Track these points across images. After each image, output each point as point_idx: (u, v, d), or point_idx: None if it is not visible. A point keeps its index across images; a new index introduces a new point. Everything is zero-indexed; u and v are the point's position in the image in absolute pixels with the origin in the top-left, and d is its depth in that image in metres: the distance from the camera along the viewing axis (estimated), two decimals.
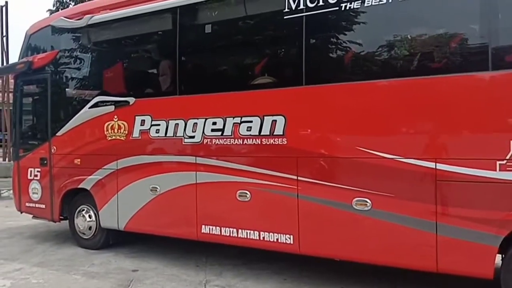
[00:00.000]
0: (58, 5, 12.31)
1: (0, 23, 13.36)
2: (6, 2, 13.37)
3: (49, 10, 12.34)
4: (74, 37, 5.43)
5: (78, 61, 5.49)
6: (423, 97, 3.33)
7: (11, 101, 11.26)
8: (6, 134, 13.69)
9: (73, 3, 12.06)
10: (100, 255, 5.08)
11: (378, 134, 3.50)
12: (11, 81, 8.46)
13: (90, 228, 5.31)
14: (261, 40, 4.35)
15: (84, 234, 5.38)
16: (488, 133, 3.12)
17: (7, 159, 13.43)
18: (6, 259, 5.02)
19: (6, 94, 11.81)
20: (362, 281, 4.00)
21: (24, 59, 5.79)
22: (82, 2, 11.55)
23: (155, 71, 4.96)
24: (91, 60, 5.42)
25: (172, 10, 4.50)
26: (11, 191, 10.11)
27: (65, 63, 5.55)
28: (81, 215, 5.35)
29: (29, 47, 5.90)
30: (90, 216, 5.30)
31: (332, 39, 3.74)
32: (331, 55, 3.83)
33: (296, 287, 3.98)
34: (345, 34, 3.70)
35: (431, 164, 3.24)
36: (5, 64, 13.13)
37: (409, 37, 3.49)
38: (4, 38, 13.37)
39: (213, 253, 4.94)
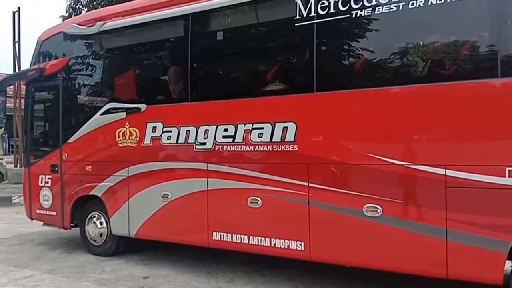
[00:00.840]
0: (71, 11, 12.39)
1: (13, 29, 13.57)
2: (19, 8, 13.57)
3: (61, 16, 12.45)
4: (86, 44, 5.49)
5: (90, 68, 5.55)
6: (433, 104, 3.35)
7: (23, 107, 11.52)
8: (18, 140, 13.86)
9: (86, 9, 12.15)
10: (111, 262, 5.11)
11: (389, 141, 3.52)
12: (23, 87, 8.59)
13: (101, 235, 5.34)
14: (272, 47, 4.40)
15: (95, 241, 5.41)
16: (497, 140, 3.14)
17: (18, 165, 13.56)
18: (17, 265, 5.06)
19: (18, 100, 11.93)
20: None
21: (36, 66, 5.86)
22: (95, 8, 11.74)
23: (166, 78, 5.00)
24: (102, 67, 5.48)
25: (184, 17, 4.56)
26: (22, 198, 10.29)
27: (77, 69, 5.62)
28: (92, 221, 5.38)
29: (41, 54, 5.98)
30: (101, 223, 5.33)
31: (343, 46, 3.78)
32: (342, 62, 3.86)
33: None
34: (356, 41, 3.73)
35: (441, 171, 3.26)
36: (17, 69, 13.37)
37: (420, 44, 3.53)
38: (16, 44, 13.56)
39: (224, 260, 4.94)
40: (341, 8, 3.67)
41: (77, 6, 12.35)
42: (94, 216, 5.38)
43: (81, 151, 5.44)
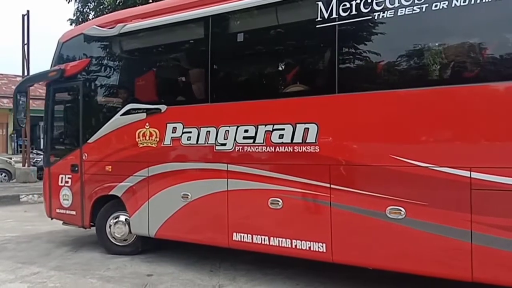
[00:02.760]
0: (78, 14, 12.49)
1: (22, 31, 13.77)
2: (28, 11, 13.76)
3: (69, 19, 12.54)
4: (106, 46, 5.56)
5: (110, 69, 5.62)
6: (457, 105, 3.34)
7: (31, 108, 11.66)
8: (26, 140, 14.10)
9: (93, 13, 12.25)
10: (116, 260, 5.18)
11: (412, 143, 3.51)
12: (31, 88, 8.69)
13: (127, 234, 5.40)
14: (293, 48, 4.40)
15: (119, 240, 5.45)
16: None
17: (26, 164, 13.78)
18: (24, 262, 5.15)
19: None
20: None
21: (56, 67, 5.94)
22: (102, 12, 11.85)
23: (187, 79, 5.05)
24: (123, 68, 5.54)
25: (204, 19, 4.60)
26: (30, 196, 10.42)
27: (97, 71, 5.69)
28: (120, 221, 5.42)
29: (61, 55, 6.06)
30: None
31: (365, 48, 3.76)
32: (364, 63, 3.85)
33: None
34: (379, 43, 3.72)
35: (466, 173, 3.24)
36: (25, 71, 13.60)
37: (443, 46, 3.50)
38: (25, 46, 13.77)
39: (227, 258, 5.02)
40: (363, 10, 3.67)
41: (84, 10, 12.42)
42: (118, 217, 5.43)
43: (101, 151, 5.51)
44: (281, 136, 4.08)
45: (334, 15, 3.79)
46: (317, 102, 3.94)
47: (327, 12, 3.83)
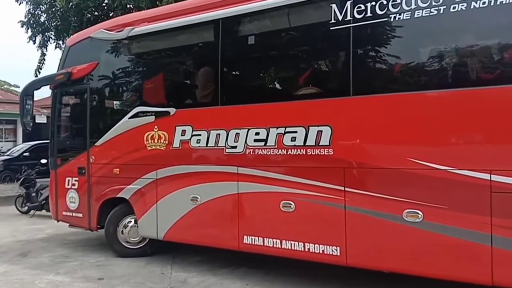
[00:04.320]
0: (29, 16, 12.36)
1: None
2: None
3: (20, 21, 12.34)
4: (114, 49, 5.53)
5: (118, 72, 5.60)
6: (476, 108, 3.30)
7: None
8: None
9: (45, 15, 12.17)
10: (66, 264, 5.16)
11: (430, 145, 3.47)
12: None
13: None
14: (306, 51, 4.39)
15: (134, 243, 5.40)
16: None
17: None
18: None
19: None
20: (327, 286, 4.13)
21: (64, 70, 5.92)
22: (54, 15, 11.74)
23: (196, 82, 5.02)
24: (131, 72, 5.51)
25: (214, 22, 4.58)
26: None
27: (105, 74, 5.66)
28: (134, 225, 5.35)
29: (69, 58, 6.05)
30: None
31: (380, 50, 3.74)
32: (379, 66, 3.83)
33: None
34: (394, 45, 3.70)
35: (486, 176, 3.20)
36: None
37: (460, 48, 3.48)
38: None
39: (178, 261, 5.07)
40: (379, 12, 3.65)
41: (36, 12, 12.29)
42: (132, 220, 5.37)
43: (108, 154, 5.48)
44: (293, 139, 4.04)
45: (348, 17, 3.76)
46: (331, 105, 3.91)
47: (341, 14, 3.80)
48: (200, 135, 4.65)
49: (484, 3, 3.19)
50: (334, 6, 3.84)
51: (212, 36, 4.70)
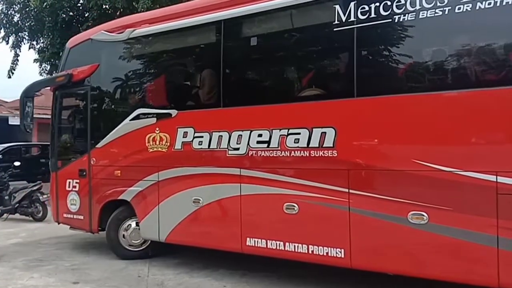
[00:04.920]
0: (2, 16, 12.06)
1: None
2: None
3: None
4: (115, 51, 5.50)
5: (119, 74, 5.56)
6: (482, 109, 3.29)
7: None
8: None
9: (18, 15, 12.05)
10: (41, 268, 5.09)
11: (435, 147, 3.45)
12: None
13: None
14: (309, 52, 4.35)
15: (137, 246, 5.38)
16: None
17: None
18: None
19: None
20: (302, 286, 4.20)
21: (64, 72, 5.90)
22: (28, 15, 11.58)
23: (198, 84, 4.99)
24: (132, 73, 5.47)
25: (217, 24, 4.55)
26: None
27: (106, 76, 5.62)
28: (136, 227, 5.31)
29: (69, 60, 6.02)
30: None
31: (384, 51, 3.74)
32: (383, 67, 3.81)
33: None
34: (398, 46, 3.69)
35: (492, 177, 3.18)
36: None
37: (464, 49, 3.46)
38: None
39: (156, 263, 5.06)
40: (383, 13, 3.63)
41: (9, 12, 12.15)
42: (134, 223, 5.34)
43: (109, 156, 5.45)
44: (296, 141, 4.02)
45: (352, 18, 3.74)
46: (335, 106, 3.89)
47: (344, 15, 3.78)
48: (202, 137, 4.62)
49: (489, 3, 3.18)
50: (337, 7, 3.82)
51: (214, 37, 4.68)
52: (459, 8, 3.29)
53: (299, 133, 4.01)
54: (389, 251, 3.62)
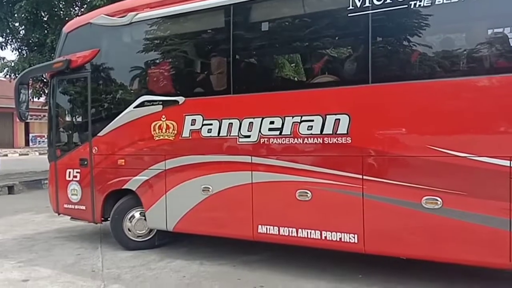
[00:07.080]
0: None
1: None
2: None
3: None
4: (117, 35, 5.36)
5: (121, 59, 5.42)
6: (496, 95, 3.36)
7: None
8: None
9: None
10: None
11: (450, 133, 3.51)
12: None
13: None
14: (323, 38, 4.32)
15: (143, 236, 5.33)
16: None
17: None
18: None
19: None
20: (265, 271, 4.27)
21: (62, 58, 5.72)
22: (10, 4, 10.89)
23: (206, 70, 4.92)
24: (135, 59, 5.30)
25: (226, 8, 4.47)
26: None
27: (107, 61, 5.46)
28: (141, 217, 5.26)
29: (66, 45, 5.82)
30: None
31: (399, 38, 3.75)
32: (398, 53, 3.83)
33: (195, 283, 4.12)
34: (414, 32, 3.69)
35: (506, 162, 3.27)
36: None
37: (480, 35, 3.51)
38: None
39: (108, 257, 4.99)
40: None
41: None
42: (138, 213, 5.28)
43: (112, 145, 5.35)
44: (310, 128, 4.03)
45: (367, 4, 3.74)
46: (349, 93, 3.90)
47: (359, 0, 3.77)
48: (211, 124, 4.58)
49: None
50: None
51: (223, 22, 4.60)
52: None
53: (312, 120, 4.01)
54: (402, 235, 3.69)
